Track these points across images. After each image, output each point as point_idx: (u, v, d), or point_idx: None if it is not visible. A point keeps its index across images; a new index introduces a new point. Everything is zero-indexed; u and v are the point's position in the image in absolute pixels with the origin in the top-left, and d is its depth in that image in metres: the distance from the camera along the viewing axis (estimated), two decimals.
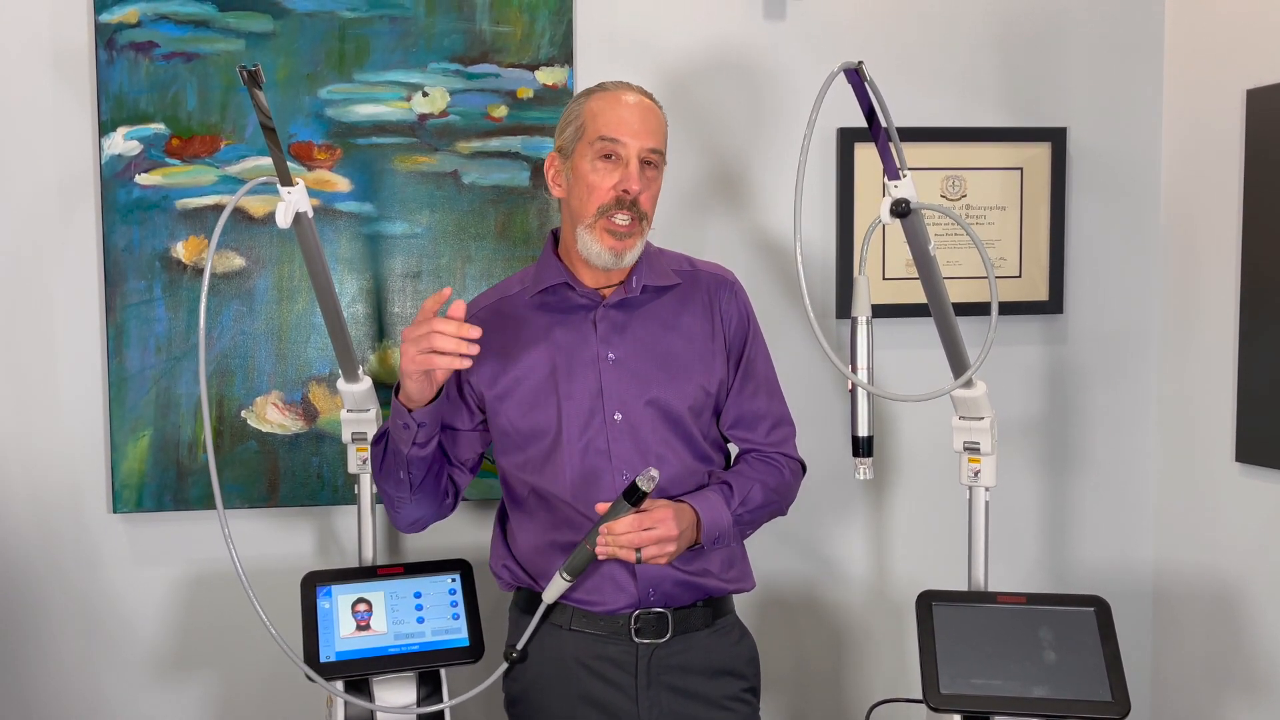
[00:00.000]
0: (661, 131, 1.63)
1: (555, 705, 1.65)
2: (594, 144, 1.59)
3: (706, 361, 1.68)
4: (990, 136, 2.19)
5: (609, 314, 1.65)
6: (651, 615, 1.62)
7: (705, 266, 1.75)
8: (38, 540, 1.99)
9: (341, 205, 2.01)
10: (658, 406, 1.64)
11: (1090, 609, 1.67)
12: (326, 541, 2.06)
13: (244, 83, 1.48)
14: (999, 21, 2.19)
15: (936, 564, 2.21)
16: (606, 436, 1.62)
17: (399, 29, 2.00)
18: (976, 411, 1.74)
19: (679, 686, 1.64)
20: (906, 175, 1.54)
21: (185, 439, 1.98)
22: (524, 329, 1.66)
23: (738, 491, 1.65)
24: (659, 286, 1.68)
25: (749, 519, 1.67)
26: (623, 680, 1.62)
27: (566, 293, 1.66)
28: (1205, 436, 2.16)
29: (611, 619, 1.63)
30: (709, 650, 1.66)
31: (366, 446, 1.85)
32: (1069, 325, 2.26)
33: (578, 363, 1.64)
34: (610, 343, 1.64)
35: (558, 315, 1.66)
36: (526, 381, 1.65)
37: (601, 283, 1.66)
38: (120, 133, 1.94)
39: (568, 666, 1.63)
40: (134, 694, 2.03)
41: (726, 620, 1.70)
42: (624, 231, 1.59)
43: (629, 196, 1.58)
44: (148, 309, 1.97)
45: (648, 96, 1.65)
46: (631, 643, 1.62)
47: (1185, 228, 2.22)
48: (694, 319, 1.69)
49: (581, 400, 1.62)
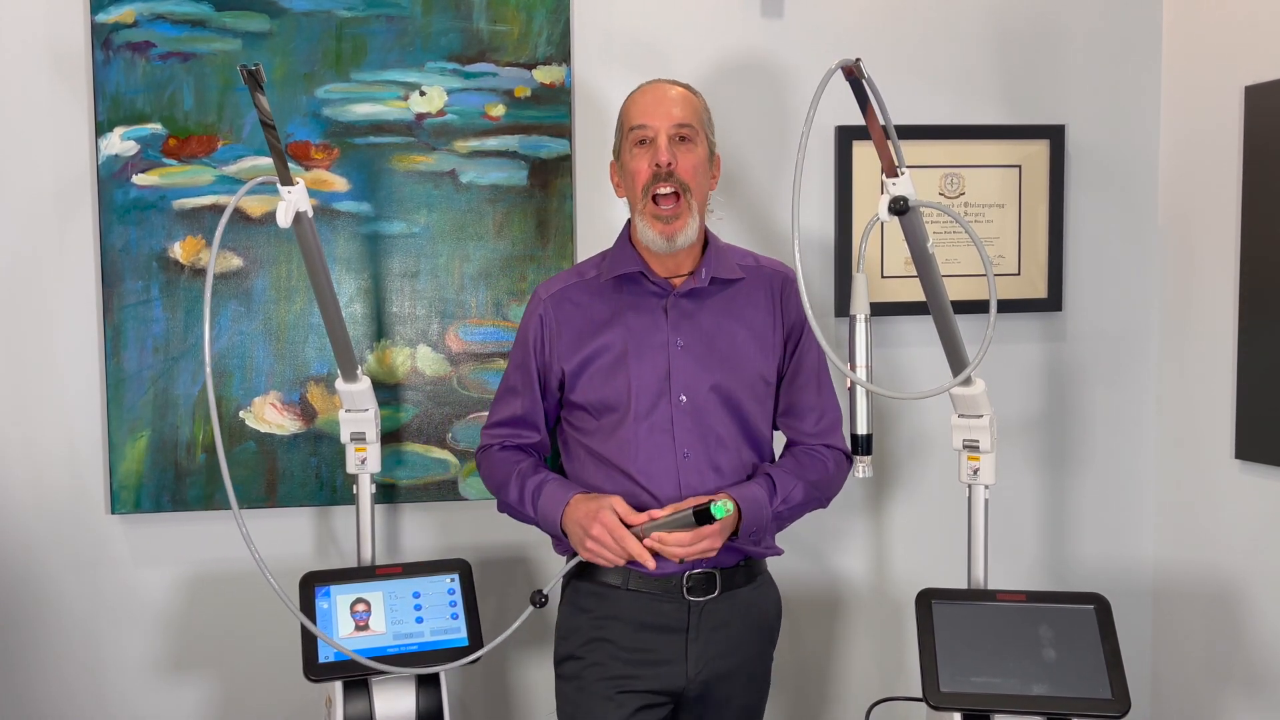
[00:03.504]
0: (690, 108, 1.71)
1: (610, 660, 1.71)
2: (629, 135, 1.72)
3: (767, 352, 1.77)
4: (988, 134, 2.18)
5: (679, 303, 1.74)
6: (700, 575, 1.71)
7: (767, 262, 1.83)
8: (37, 541, 1.98)
9: (339, 205, 2.00)
10: (720, 392, 1.72)
11: (1090, 606, 1.67)
12: (325, 542, 2.06)
13: (245, 82, 1.48)
14: (997, 19, 2.19)
15: (936, 562, 2.20)
16: (671, 417, 1.71)
17: (396, 28, 2.00)
18: (975, 409, 1.74)
19: (724, 641, 1.74)
20: (905, 173, 1.53)
21: (183, 439, 1.98)
22: (599, 311, 1.76)
23: (780, 489, 1.72)
24: (726, 279, 1.76)
25: (788, 515, 1.75)
26: (675, 636, 1.71)
27: (640, 280, 1.75)
28: (1204, 433, 2.16)
29: (665, 580, 1.71)
30: (750, 605, 1.77)
31: (365, 446, 1.85)
32: (1068, 323, 2.26)
33: (648, 346, 1.73)
34: (680, 329, 1.74)
35: (631, 299, 1.75)
36: (601, 359, 1.74)
37: (671, 272, 1.75)
38: (117, 133, 1.94)
39: (624, 624, 1.71)
40: (133, 694, 2.03)
41: (764, 577, 1.82)
42: (668, 213, 1.67)
43: (662, 169, 1.67)
44: (145, 309, 1.96)
45: (682, 85, 1.75)
46: (683, 600, 1.71)
47: (1184, 224, 2.22)
48: (757, 311, 1.77)
49: (650, 381, 1.72)
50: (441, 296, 2.04)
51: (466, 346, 2.05)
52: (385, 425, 1.98)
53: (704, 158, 1.72)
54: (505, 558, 2.11)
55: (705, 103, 1.76)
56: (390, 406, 2.02)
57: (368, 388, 1.83)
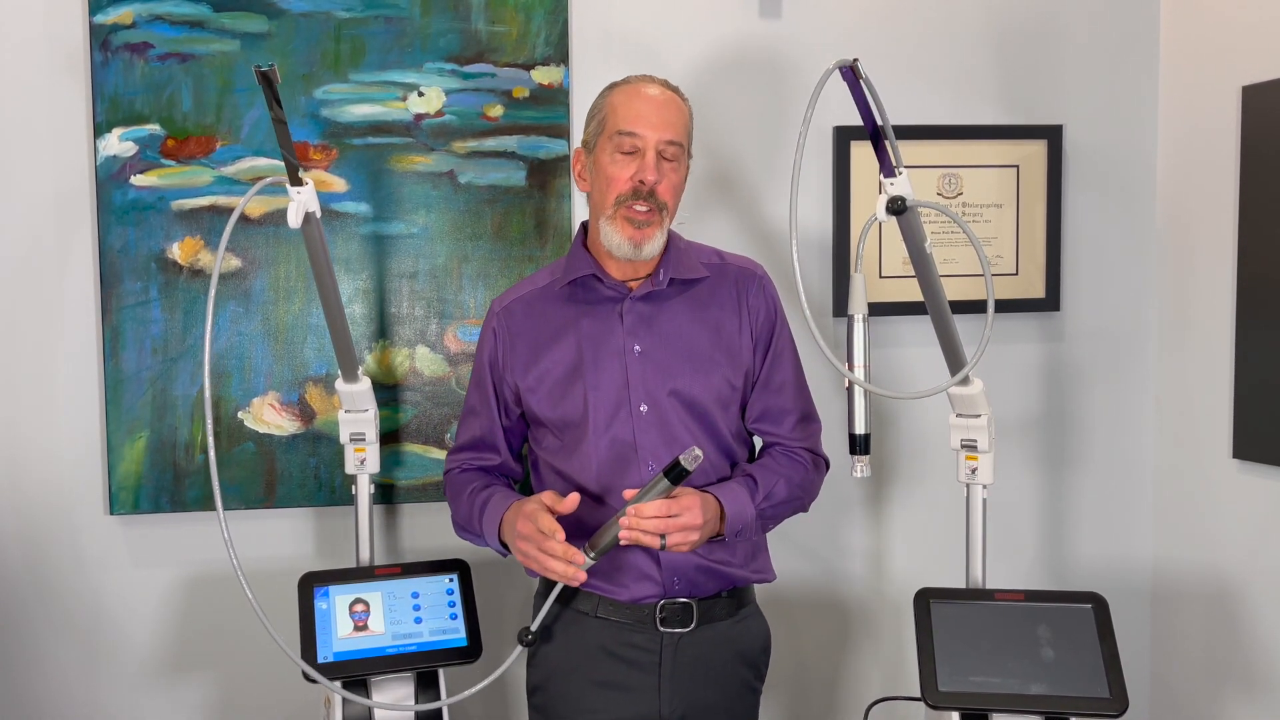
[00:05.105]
0: (681, 123, 1.64)
1: (577, 692, 1.65)
2: (613, 138, 1.62)
3: (733, 355, 1.69)
4: (986, 134, 2.19)
5: (636, 306, 1.67)
6: (677, 605, 1.63)
7: (734, 259, 1.75)
8: (35, 542, 1.98)
9: (338, 205, 2.01)
10: (681, 398, 1.65)
11: (1088, 605, 1.68)
12: (324, 542, 2.06)
13: (259, 83, 1.46)
14: (995, 19, 2.19)
15: (934, 562, 2.21)
16: (633, 427, 1.64)
17: (394, 29, 2.00)
18: (973, 409, 1.74)
19: (701, 676, 1.65)
20: (902, 173, 1.54)
21: (182, 440, 1.98)
22: (553, 320, 1.68)
23: (762, 485, 1.65)
24: (686, 279, 1.69)
25: (772, 513, 1.68)
26: (647, 668, 1.63)
27: (594, 284, 1.68)
28: (1202, 433, 2.16)
29: (637, 608, 1.63)
30: (731, 640, 1.67)
31: (364, 447, 1.85)
32: (1066, 323, 2.26)
33: (604, 354, 1.65)
34: (636, 335, 1.66)
35: (585, 306, 1.68)
36: (555, 371, 1.67)
37: (629, 275, 1.68)
38: (115, 134, 1.94)
39: (592, 654, 1.64)
40: (132, 696, 2.03)
41: (749, 610, 1.72)
42: (643, 220, 1.60)
43: (645, 187, 1.60)
44: (144, 310, 1.96)
45: (672, 89, 1.66)
46: (656, 631, 1.63)
47: (1182, 224, 2.22)
48: (721, 312, 1.69)
49: (608, 391, 1.64)
50: (440, 297, 2.04)
51: (465, 347, 2.05)
52: (384, 426, 1.98)
53: (684, 176, 1.67)
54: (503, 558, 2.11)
55: (691, 109, 1.69)
56: (389, 407, 2.02)
57: (368, 388, 1.83)
